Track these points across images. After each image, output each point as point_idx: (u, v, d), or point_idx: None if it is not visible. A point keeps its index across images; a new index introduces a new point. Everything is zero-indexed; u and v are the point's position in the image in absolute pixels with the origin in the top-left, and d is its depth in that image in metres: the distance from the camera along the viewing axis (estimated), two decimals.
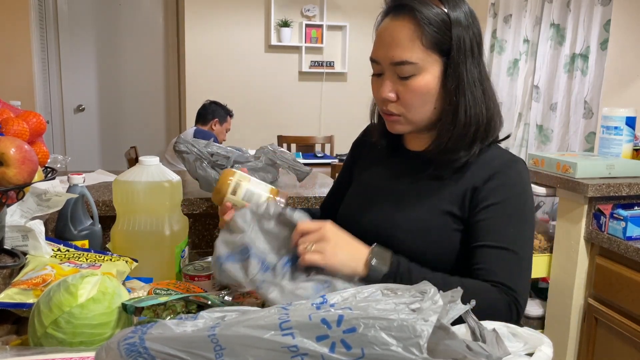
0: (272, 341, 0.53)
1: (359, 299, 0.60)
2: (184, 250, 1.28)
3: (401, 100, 1.00)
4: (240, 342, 0.54)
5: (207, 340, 0.54)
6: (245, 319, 0.57)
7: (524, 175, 1.03)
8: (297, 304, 0.59)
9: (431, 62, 0.97)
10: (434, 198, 1.03)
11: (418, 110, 1.01)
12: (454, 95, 0.99)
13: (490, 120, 1.02)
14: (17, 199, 1.03)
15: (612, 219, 1.92)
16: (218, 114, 3.67)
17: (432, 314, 0.54)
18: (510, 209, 0.99)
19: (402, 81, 0.98)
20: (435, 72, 0.98)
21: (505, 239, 0.97)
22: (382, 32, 1.00)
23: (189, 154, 1.54)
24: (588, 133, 3.15)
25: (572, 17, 3.24)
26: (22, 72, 3.67)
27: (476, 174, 1.01)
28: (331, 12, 4.74)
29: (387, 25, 0.99)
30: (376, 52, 1.01)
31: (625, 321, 1.87)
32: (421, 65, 0.97)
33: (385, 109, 1.03)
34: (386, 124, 1.07)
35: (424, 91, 0.98)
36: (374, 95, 1.07)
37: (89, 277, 0.83)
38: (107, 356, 0.57)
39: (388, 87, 1.00)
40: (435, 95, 1.00)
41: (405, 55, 0.96)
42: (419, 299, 0.57)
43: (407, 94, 0.99)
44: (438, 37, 0.96)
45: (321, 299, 0.59)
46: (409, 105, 1.00)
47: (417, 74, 0.97)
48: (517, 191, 1.01)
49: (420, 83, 0.98)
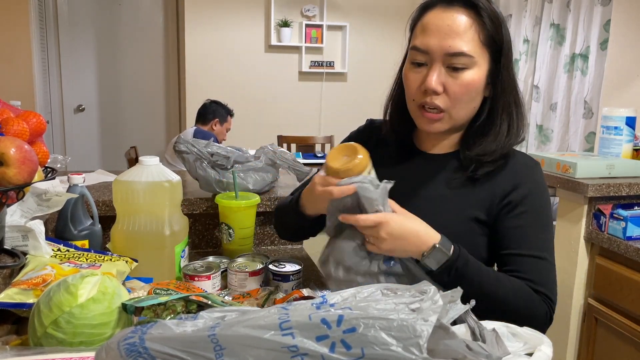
0: (272, 341, 0.53)
1: (358, 298, 0.60)
2: (184, 250, 1.28)
3: (449, 93, 0.95)
4: (240, 342, 0.54)
5: (207, 340, 0.54)
6: (246, 319, 0.57)
7: (544, 179, 1.04)
8: (297, 303, 0.60)
9: (483, 58, 0.95)
10: (461, 204, 1.01)
11: (464, 106, 0.97)
12: (508, 96, 0.97)
13: (524, 126, 1.02)
14: (17, 199, 1.03)
15: (612, 219, 1.92)
16: (218, 114, 3.67)
17: (432, 314, 0.54)
18: (540, 216, 1.00)
19: (454, 73, 0.94)
20: (484, 69, 0.96)
21: (539, 246, 0.98)
22: (436, 20, 0.95)
23: (188, 154, 1.54)
24: (588, 133, 3.15)
25: (572, 17, 3.25)
26: (22, 72, 3.67)
27: (502, 180, 1.00)
28: (331, 12, 4.74)
29: (441, 14, 0.95)
30: (427, 41, 0.95)
31: (625, 321, 1.87)
32: (475, 59, 0.94)
33: (430, 101, 0.96)
34: (421, 121, 1.00)
35: (474, 86, 0.95)
36: (412, 87, 0.99)
37: (89, 277, 0.83)
38: (107, 356, 0.57)
39: (437, 78, 0.94)
40: (480, 94, 0.98)
41: (463, 46, 0.92)
42: (419, 299, 0.57)
43: (457, 87, 0.94)
44: (493, 34, 0.94)
45: (321, 299, 0.59)
46: (457, 100, 0.95)
47: (470, 68, 0.94)
48: (545, 198, 1.01)
49: (472, 77, 0.94)
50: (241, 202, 1.44)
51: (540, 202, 1.00)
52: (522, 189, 0.99)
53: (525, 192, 0.99)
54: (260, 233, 1.68)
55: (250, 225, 1.48)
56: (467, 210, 1.00)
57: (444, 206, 1.02)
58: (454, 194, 1.02)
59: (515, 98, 0.99)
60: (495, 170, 1.00)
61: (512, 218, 0.98)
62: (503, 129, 0.99)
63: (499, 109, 0.99)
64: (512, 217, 0.98)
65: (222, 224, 1.47)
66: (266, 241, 1.70)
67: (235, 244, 1.45)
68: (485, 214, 1.00)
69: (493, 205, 0.99)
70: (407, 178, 1.06)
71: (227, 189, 1.54)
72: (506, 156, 1.01)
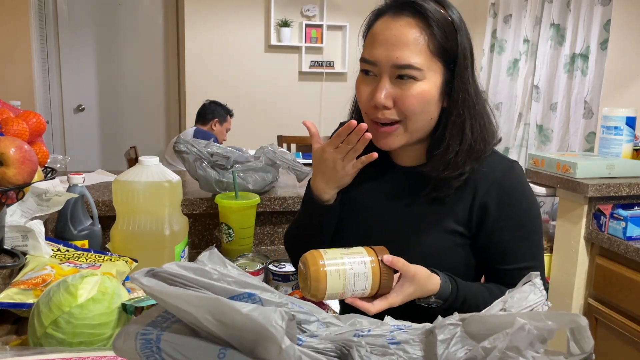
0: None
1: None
2: (184, 250, 1.28)
3: (399, 106, 0.91)
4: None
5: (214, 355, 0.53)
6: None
7: (524, 180, 0.99)
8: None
9: (434, 69, 0.91)
10: (439, 218, 0.97)
11: (418, 117, 0.92)
12: (459, 108, 0.93)
13: (493, 132, 0.98)
14: (17, 199, 1.04)
15: (612, 219, 1.92)
16: (218, 114, 3.67)
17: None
18: (522, 224, 0.96)
19: (403, 86, 0.90)
20: (437, 80, 0.91)
21: (526, 257, 0.96)
22: (383, 31, 0.91)
23: (188, 154, 1.54)
24: (588, 133, 3.15)
25: (572, 17, 3.24)
26: (22, 72, 3.66)
27: (478, 188, 0.96)
28: (331, 12, 4.74)
29: (389, 24, 0.91)
30: (374, 53, 0.91)
31: (625, 321, 1.87)
32: (425, 71, 0.89)
33: (381, 116, 0.92)
34: (376, 137, 0.94)
35: (425, 98, 0.90)
36: (364, 100, 0.95)
37: (88, 277, 0.83)
38: (124, 344, 0.56)
39: (386, 92, 0.90)
40: (434, 105, 0.93)
41: (411, 58, 0.88)
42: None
43: (407, 99, 0.90)
44: (445, 43, 0.90)
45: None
46: (409, 112, 0.91)
47: (420, 80, 0.89)
48: (525, 201, 0.97)
49: (422, 89, 0.90)
50: (241, 202, 1.44)
51: (520, 208, 0.96)
52: (501, 199, 0.94)
53: (503, 202, 0.94)
54: (260, 233, 1.68)
55: (250, 225, 1.48)
56: (446, 224, 0.97)
57: (422, 223, 0.98)
58: (430, 210, 0.98)
59: (470, 110, 0.93)
60: (465, 182, 0.96)
61: (494, 233, 0.95)
62: (453, 144, 0.93)
63: (449, 122, 0.93)
64: (494, 232, 0.95)
65: (222, 224, 1.47)
66: (266, 241, 1.70)
67: (235, 244, 1.45)
68: (465, 227, 0.97)
69: (473, 217, 0.96)
70: (382, 193, 1.03)
71: (227, 189, 1.54)
72: (472, 171, 0.95)
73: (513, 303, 0.67)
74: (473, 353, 0.53)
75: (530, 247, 0.97)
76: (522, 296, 0.68)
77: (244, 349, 0.52)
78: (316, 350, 0.55)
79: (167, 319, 0.57)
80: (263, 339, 0.49)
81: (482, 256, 0.99)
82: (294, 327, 0.54)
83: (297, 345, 0.53)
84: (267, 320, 0.48)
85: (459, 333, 0.56)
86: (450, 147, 0.94)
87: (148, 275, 0.56)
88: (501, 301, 0.68)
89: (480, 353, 0.52)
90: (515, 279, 0.93)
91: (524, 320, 0.52)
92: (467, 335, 0.55)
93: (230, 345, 0.52)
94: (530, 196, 0.99)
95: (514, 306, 0.67)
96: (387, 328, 0.60)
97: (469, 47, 0.93)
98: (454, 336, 0.55)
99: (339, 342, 0.56)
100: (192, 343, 0.54)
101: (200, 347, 0.53)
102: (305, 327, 0.59)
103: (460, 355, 0.54)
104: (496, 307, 0.67)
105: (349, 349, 0.55)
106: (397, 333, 0.58)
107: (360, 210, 1.05)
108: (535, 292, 0.69)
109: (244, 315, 0.49)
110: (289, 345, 0.49)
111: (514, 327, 0.52)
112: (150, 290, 0.53)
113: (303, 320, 0.59)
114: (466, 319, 0.57)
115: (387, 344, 0.56)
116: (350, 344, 0.55)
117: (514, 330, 0.51)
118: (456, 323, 0.57)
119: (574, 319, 0.52)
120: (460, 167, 0.94)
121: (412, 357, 0.55)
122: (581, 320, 0.52)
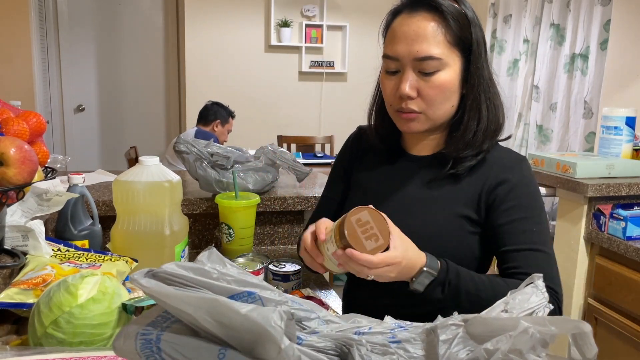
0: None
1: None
2: (184, 250, 1.28)
3: (423, 96, 0.98)
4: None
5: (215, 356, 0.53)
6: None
7: (531, 173, 1.05)
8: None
9: (453, 58, 0.98)
10: (448, 201, 1.02)
11: (439, 107, 1.00)
12: (476, 92, 1.00)
13: (504, 113, 1.05)
14: (17, 199, 1.04)
15: (612, 219, 1.92)
16: (220, 115, 3.67)
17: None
18: (530, 209, 1.00)
19: (425, 77, 0.97)
20: (456, 68, 0.99)
21: (534, 239, 0.98)
22: (402, 27, 0.98)
23: (188, 154, 1.54)
24: (588, 133, 3.15)
25: (572, 17, 3.25)
26: (22, 72, 3.67)
27: (487, 175, 1.02)
28: (331, 12, 4.74)
29: (407, 20, 0.98)
30: (395, 48, 0.98)
31: (625, 321, 1.87)
32: (445, 60, 0.96)
33: (405, 106, 1.00)
34: (399, 123, 1.04)
35: (447, 87, 0.98)
36: (389, 93, 1.03)
37: (88, 277, 0.83)
38: (124, 344, 0.56)
39: (410, 84, 0.98)
40: (455, 93, 1.00)
41: (431, 50, 0.95)
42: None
43: (430, 90, 0.97)
44: (460, 34, 0.97)
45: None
46: (432, 101, 0.99)
47: (441, 70, 0.97)
48: (532, 190, 1.02)
49: (444, 78, 0.97)
50: (241, 202, 1.45)
51: (528, 195, 1.01)
52: (507, 184, 1.00)
53: (511, 186, 1.00)
54: (260, 233, 1.68)
55: (250, 225, 1.48)
56: (454, 208, 1.01)
57: (432, 205, 1.03)
58: (440, 193, 1.03)
59: (486, 93, 1.02)
60: (477, 165, 1.02)
61: (502, 215, 0.99)
62: (472, 124, 1.01)
63: (467, 105, 1.01)
64: (502, 214, 0.99)
65: (222, 224, 1.47)
66: (266, 241, 1.70)
67: (235, 244, 1.45)
68: (473, 211, 1.01)
69: (480, 202, 1.01)
70: (394, 180, 1.09)
71: (227, 189, 1.54)
72: (488, 151, 1.03)
73: (515, 304, 0.67)
74: (475, 354, 0.53)
75: (538, 233, 0.99)
76: (523, 298, 0.68)
77: (244, 349, 0.52)
78: (316, 349, 0.55)
79: (167, 319, 0.57)
80: (262, 340, 0.49)
81: (493, 243, 1.00)
82: (294, 326, 0.54)
83: (297, 344, 0.53)
84: (266, 321, 0.48)
85: (461, 334, 0.56)
86: (469, 127, 1.01)
87: (147, 276, 0.56)
88: (503, 302, 0.68)
89: (482, 355, 0.52)
90: (523, 261, 0.95)
91: (527, 324, 0.52)
92: (469, 336, 0.55)
93: (229, 346, 0.52)
94: (536, 189, 1.03)
95: (515, 307, 0.67)
96: (387, 326, 0.60)
97: (482, 36, 1.02)
98: (456, 337, 0.55)
99: (340, 340, 0.56)
100: (192, 343, 0.54)
101: (200, 347, 0.53)
102: (306, 325, 0.59)
103: (462, 356, 0.54)
104: (498, 308, 0.67)
105: (349, 348, 0.55)
106: (398, 331, 0.58)
107: (369, 193, 1.11)
108: (537, 294, 0.69)
109: (243, 315, 0.49)
110: (288, 345, 0.49)
111: (517, 330, 0.52)
112: (149, 291, 0.53)
113: (303, 317, 0.59)
114: (469, 319, 0.57)
115: (387, 343, 0.56)
116: (350, 342, 0.56)
117: (517, 333, 0.51)
118: (459, 324, 0.57)
119: (577, 325, 0.52)
120: (478, 145, 1.01)
121: (412, 356, 0.55)
122: (585, 327, 0.52)
